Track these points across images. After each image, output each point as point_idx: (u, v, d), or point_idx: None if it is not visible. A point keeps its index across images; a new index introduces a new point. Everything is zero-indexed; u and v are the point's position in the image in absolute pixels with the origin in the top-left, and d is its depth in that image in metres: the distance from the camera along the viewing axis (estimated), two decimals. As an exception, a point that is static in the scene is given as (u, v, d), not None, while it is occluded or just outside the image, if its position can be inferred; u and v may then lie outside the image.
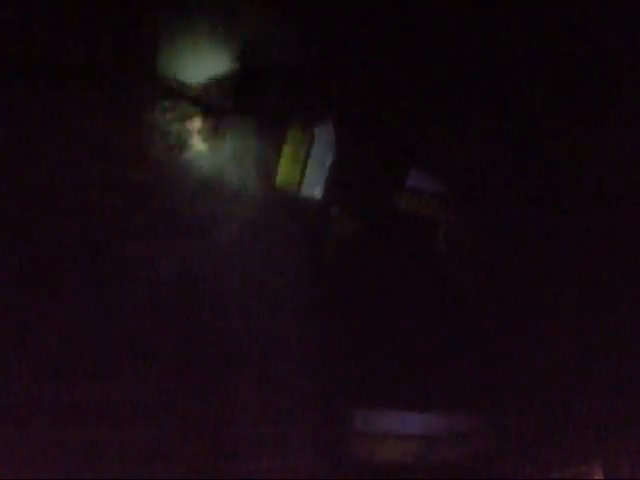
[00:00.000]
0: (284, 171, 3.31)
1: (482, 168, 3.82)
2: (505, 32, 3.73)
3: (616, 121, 3.84)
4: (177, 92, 3.23)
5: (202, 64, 3.32)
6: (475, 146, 3.81)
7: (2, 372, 2.59)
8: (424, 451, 3.45)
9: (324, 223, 3.59)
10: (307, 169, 3.37)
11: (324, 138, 3.39)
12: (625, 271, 3.77)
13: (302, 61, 3.49)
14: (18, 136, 2.75)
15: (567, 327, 3.77)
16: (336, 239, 3.62)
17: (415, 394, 3.50)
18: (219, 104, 3.33)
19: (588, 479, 3.63)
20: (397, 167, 3.61)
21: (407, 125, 3.65)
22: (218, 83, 3.33)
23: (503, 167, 3.84)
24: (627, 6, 3.67)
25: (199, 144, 3.25)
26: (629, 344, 3.73)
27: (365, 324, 3.56)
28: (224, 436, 3.15)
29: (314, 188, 3.43)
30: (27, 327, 2.67)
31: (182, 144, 3.22)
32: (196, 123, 3.27)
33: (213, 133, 3.26)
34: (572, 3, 3.70)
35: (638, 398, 3.66)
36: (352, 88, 3.54)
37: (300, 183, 3.37)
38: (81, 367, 2.77)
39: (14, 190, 2.71)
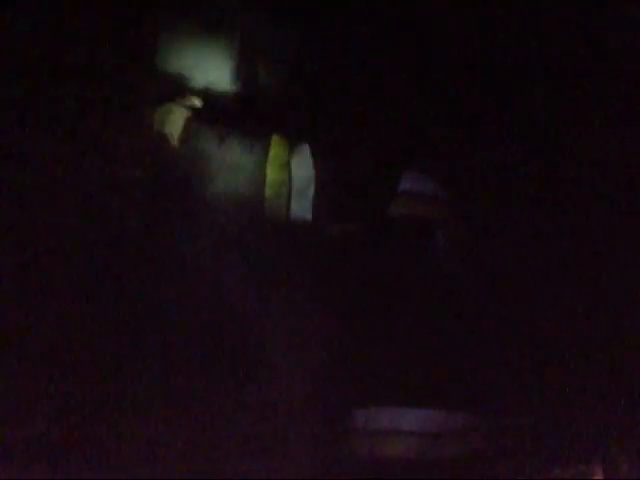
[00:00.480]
0: (273, 171, 3.31)
1: (480, 169, 3.82)
2: (505, 32, 3.72)
3: (616, 121, 3.84)
4: (177, 92, 3.23)
5: (202, 64, 3.32)
6: (473, 148, 3.80)
7: (2, 372, 2.58)
8: (424, 450, 3.45)
9: (320, 225, 3.58)
10: (295, 171, 3.36)
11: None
12: (625, 271, 3.77)
13: (302, 61, 3.49)
14: (18, 136, 2.75)
15: (567, 327, 3.76)
16: (333, 241, 3.61)
17: (415, 393, 3.50)
18: (219, 104, 3.33)
19: (588, 479, 3.63)
20: (393, 169, 3.60)
21: (403, 126, 3.65)
22: (218, 83, 3.33)
23: (501, 169, 3.84)
24: (627, 6, 3.67)
25: (198, 144, 3.25)
26: (629, 344, 3.73)
27: (365, 324, 3.55)
28: (224, 436, 3.15)
29: (307, 191, 3.42)
30: (27, 327, 2.67)
31: (182, 144, 3.22)
32: (196, 123, 3.28)
33: (212, 133, 3.26)
34: (572, 3, 3.70)
35: (638, 398, 3.65)
36: (347, 89, 3.54)
37: (290, 185, 3.36)
38: (81, 367, 2.77)
39: (14, 190, 2.71)
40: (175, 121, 3.24)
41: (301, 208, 3.46)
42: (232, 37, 3.39)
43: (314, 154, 3.46)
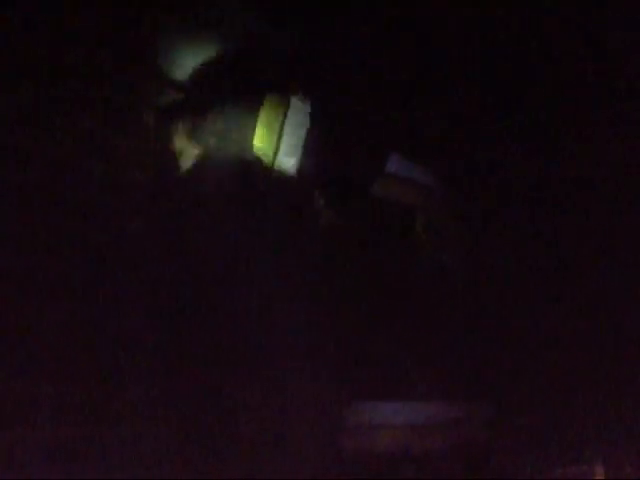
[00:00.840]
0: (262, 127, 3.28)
1: (469, 156, 3.82)
2: (505, 32, 3.73)
3: (616, 121, 3.84)
4: (176, 92, 3.24)
5: (202, 64, 3.33)
6: (472, 146, 3.81)
7: (2, 372, 2.58)
8: (423, 450, 3.45)
9: (312, 217, 3.57)
10: (282, 155, 3.34)
11: (300, 121, 3.37)
12: (625, 270, 3.77)
13: (299, 59, 3.49)
14: (18, 136, 2.75)
15: (568, 326, 3.77)
16: (322, 228, 3.59)
17: (414, 392, 3.50)
18: (218, 104, 3.34)
19: (589, 479, 3.63)
20: (380, 153, 3.59)
21: (391, 111, 3.64)
22: (217, 82, 3.34)
23: (494, 165, 3.84)
24: (627, 6, 3.68)
25: (198, 143, 3.26)
26: (629, 343, 3.73)
27: (360, 317, 3.55)
28: (224, 436, 3.15)
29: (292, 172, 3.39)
30: (27, 327, 2.67)
31: (181, 144, 3.22)
32: (195, 122, 3.28)
33: (212, 132, 3.27)
34: (572, 3, 3.70)
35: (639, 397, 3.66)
36: (337, 74, 3.53)
37: (277, 173, 3.34)
38: (81, 367, 2.77)
39: (14, 190, 2.71)
40: (174, 121, 3.25)
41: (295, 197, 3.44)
42: (232, 37, 3.39)
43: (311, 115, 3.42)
